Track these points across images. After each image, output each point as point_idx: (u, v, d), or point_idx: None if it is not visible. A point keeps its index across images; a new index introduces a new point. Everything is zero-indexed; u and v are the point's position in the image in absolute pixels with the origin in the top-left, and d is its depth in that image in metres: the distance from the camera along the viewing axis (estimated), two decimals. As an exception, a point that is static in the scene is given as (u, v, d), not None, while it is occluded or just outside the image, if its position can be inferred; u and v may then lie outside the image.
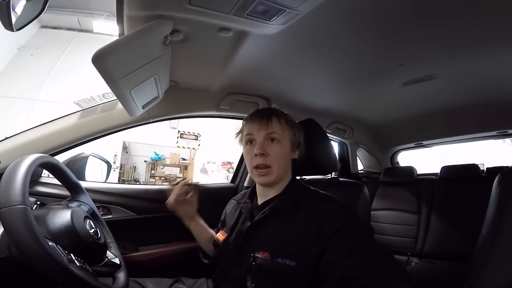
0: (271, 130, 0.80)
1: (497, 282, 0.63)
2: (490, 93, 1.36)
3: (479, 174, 1.80)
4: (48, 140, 0.99)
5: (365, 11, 0.74)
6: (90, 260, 0.68)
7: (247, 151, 0.84)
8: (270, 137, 0.80)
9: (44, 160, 0.72)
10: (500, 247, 0.65)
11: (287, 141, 0.83)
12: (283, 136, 0.82)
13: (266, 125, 0.81)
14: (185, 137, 6.87)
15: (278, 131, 0.81)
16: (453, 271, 1.49)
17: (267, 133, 0.80)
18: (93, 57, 0.61)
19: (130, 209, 1.21)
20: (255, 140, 0.82)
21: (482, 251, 0.69)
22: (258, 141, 0.81)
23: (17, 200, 0.54)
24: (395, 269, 0.59)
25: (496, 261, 0.65)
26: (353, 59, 1.03)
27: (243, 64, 1.00)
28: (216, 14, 0.68)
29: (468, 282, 0.68)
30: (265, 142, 0.80)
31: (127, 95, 0.81)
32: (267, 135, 0.80)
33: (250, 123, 0.84)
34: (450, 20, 0.79)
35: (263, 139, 0.80)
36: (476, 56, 1.02)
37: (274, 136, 0.80)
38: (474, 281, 0.67)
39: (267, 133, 0.80)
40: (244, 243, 0.81)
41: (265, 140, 0.81)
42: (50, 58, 6.03)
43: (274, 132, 0.80)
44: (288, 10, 0.68)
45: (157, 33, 0.68)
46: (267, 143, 0.80)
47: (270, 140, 0.81)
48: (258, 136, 0.81)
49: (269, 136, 0.80)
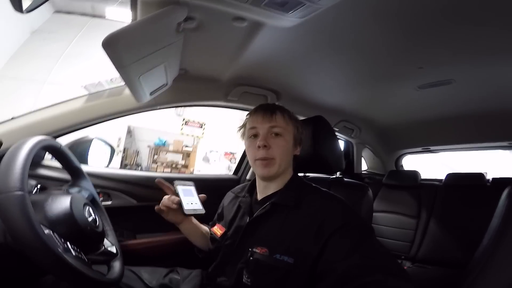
0: (274, 123, 0.80)
1: None
2: (505, 102, 1.33)
3: (483, 184, 1.78)
4: (53, 122, 0.98)
5: (390, 10, 0.71)
6: (86, 249, 0.67)
7: (250, 144, 0.83)
8: (273, 131, 0.80)
9: (46, 143, 0.69)
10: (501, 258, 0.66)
11: (290, 136, 0.82)
12: (286, 130, 0.81)
13: (270, 118, 0.81)
14: (190, 124, 6.88)
15: (282, 124, 0.81)
16: (445, 277, 1.51)
17: (271, 126, 0.80)
18: (103, 42, 0.59)
19: (131, 195, 1.21)
20: (258, 133, 0.81)
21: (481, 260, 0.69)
22: (262, 134, 0.80)
23: (15, 186, 0.52)
24: (395, 269, 0.59)
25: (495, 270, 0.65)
26: (370, 59, 1.00)
27: (255, 55, 0.98)
28: (232, 2, 0.65)
29: None
30: (268, 135, 0.80)
31: (136, 81, 0.79)
32: (271, 128, 0.80)
33: (254, 116, 0.84)
34: (475, 25, 0.76)
35: (266, 132, 0.80)
36: (497, 64, 0.99)
37: (278, 130, 0.80)
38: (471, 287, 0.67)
39: (270, 126, 0.80)
40: (243, 238, 0.81)
41: (268, 133, 0.80)
42: (62, 43, 6.05)
43: (277, 125, 0.80)
44: (308, 4, 0.64)
45: (171, 20, 0.66)
46: (270, 136, 0.80)
47: (274, 134, 0.80)
48: (262, 128, 0.81)
49: (273, 129, 0.80)
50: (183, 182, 0.92)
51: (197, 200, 0.89)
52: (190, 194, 0.90)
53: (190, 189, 0.92)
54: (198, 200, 0.89)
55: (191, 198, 0.88)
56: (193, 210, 0.85)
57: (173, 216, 0.90)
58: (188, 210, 0.84)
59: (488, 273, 0.66)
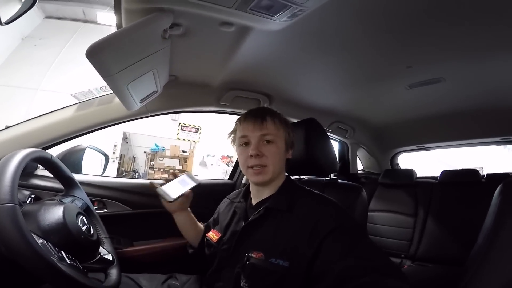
0: (266, 131, 0.80)
1: None
2: (496, 98, 1.34)
3: (478, 180, 1.79)
4: (44, 133, 0.97)
5: (375, 10, 0.71)
6: (82, 257, 0.68)
7: (241, 152, 0.83)
8: (265, 139, 0.80)
9: (36, 155, 0.70)
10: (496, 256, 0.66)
11: (281, 141, 0.82)
12: (278, 136, 0.81)
13: (261, 125, 0.80)
14: (186, 129, 6.85)
15: (273, 131, 0.80)
16: (445, 275, 1.50)
17: (262, 134, 0.80)
18: (87, 51, 0.58)
19: (126, 203, 1.20)
20: (250, 142, 0.81)
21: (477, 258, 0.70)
22: (253, 142, 0.80)
23: (5, 198, 0.54)
24: (391, 269, 0.60)
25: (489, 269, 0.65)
26: (359, 59, 1.00)
27: (245, 60, 0.98)
28: (218, 8, 0.65)
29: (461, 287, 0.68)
30: (260, 143, 0.80)
31: (124, 89, 0.79)
32: (262, 136, 0.80)
33: (244, 123, 0.83)
34: (462, 22, 0.77)
35: (258, 140, 0.80)
36: (485, 61, 1.00)
37: (269, 137, 0.80)
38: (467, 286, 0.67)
39: (262, 134, 0.80)
40: (238, 243, 0.81)
41: (260, 141, 0.80)
42: (54, 49, 5.99)
43: (269, 133, 0.80)
44: (294, 6, 0.65)
45: (156, 27, 0.66)
46: (262, 143, 0.80)
47: (266, 141, 0.80)
48: (253, 137, 0.80)
49: (264, 137, 0.80)
50: (192, 176, 0.99)
51: (181, 191, 0.91)
52: (183, 185, 0.94)
53: (188, 183, 0.96)
54: (181, 192, 0.91)
55: (178, 187, 0.92)
56: (163, 193, 0.87)
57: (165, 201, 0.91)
58: (160, 189, 0.87)
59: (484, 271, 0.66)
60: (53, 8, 6.11)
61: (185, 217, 1.01)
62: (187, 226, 1.02)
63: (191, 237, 1.03)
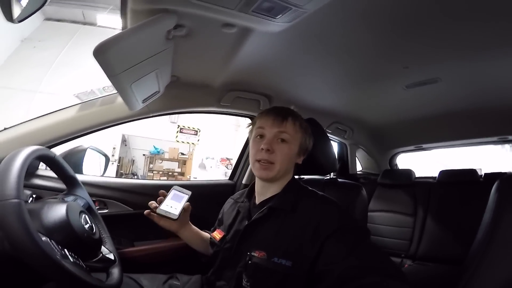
0: (283, 129, 0.81)
1: None
2: (493, 98, 1.36)
3: (476, 179, 1.80)
4: (46, 132, 0.98)
5: (373, 11, 0.73)
6: (84, 256, 0.68)
7: (254, 144, 0.84)
8: (280, 137, 0.80)
9: (40, 153, 0.70)
10: (494, 253, 0.66)
11: (296, 144, 0.83)
12: (294, 138, 0.82)
13: (281, 123, 0.81)
14: (185, 132, 6.86)
15: (291, 132, 0.81)
16: (446, 274, 1.50)
17: (279, 131, 0.81)
18: (94, 50, 0.60)
19: (127, 203, 1.21)
20: (265, 135, 0.82)
21: (476, 256, 0.70)
22: (268, 137, 0.81)
23: (11, 194, 0.53)
24: (392, 270, 0.60)
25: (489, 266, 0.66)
26: (357, 60, 1.02)
27: (246, 61, 0.99)
28: (220, 9, 0.66)
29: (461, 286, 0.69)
30: (274, 139, 0.81)
31: (128, 89, 0.80)
32: (279, 134, 0.81)
33: (265, 117, 0.84)
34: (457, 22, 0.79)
35: (273, 136, 0.81)
36: (482, 60, 1.01)
37: (285, 136, 0.81)
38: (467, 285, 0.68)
39: (279, 131, 0.81)
40: (241, 241, 0.81)
41: (274, 137, 0.81)
42: (53, 51, 5.96)
43: (286, 132, 0.81)
44: (294, 8, 0.66)
45: (160, 28, 0.67)
46: (276, 141, 0.81)
47: (280, 139, 0.81)
48: (269, 131, 0.81)
49: (280, 135, 0.81)
50: (180, 189, 0.92)
51: (180, 206, 0.88)
52: (178, 200, 0.90)
53: (182, 196, 0.92)
54: (180, 207, 0.88)
55: (175, 203, 0.88)
56: (166, 212, 0.84)
57: (166, 222, 0.89)
58: (160, 210, 0.84)
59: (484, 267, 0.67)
60: (52, 10, 6.06)
61: (190, 231, 1.00)
62: (195, 239, 1.01)
63: (202, 248, 1.02)
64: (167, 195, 0.89)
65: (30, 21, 5.86)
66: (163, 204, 0.86)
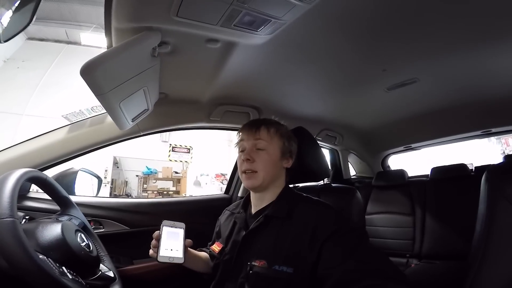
0: (258, 137, 0.85)
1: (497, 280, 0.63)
2: (472, 93, 1.40)
3: (468, 173, 1.84)
4: (36, 155, 0.97)
5: (349, 17, 0.77)
6: (83, 273, 0.67)
7: (239, 157, 0.89)
8: (257, 146, 0.85)
9: (32, 175, 0.71)
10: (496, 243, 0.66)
11: (275, 149, 0.86)
12: (271, 144, 0.85)
13: (255, 133, 0.86)
14: (177, 150, 6.82)
15: (266, 139, 0.85)
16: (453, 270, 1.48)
17: (255, 140, 0.85)
18: (81, 69, 0.61)
19: (123, 222, 1.19)
20: (245, 148, 0.86)
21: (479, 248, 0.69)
22: (247, 148, 0.85)
23: (5, 213, 0.54)
24: (391, 272, 0.60)
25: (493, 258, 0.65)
26: (339, 66, 1.05)
27: (232, 74, 1.02)
28: (203, 25, 0.69)
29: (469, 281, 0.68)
30: (253, 149, 0.85)
31: (116, 107, 0.81)
32: (255, 143, 0.85)
33: (242, 130, 0.90)
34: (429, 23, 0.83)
35: (251, 146, 0.85)
36: (456, 58, 1.05)
37: (261, 144, 0.85)
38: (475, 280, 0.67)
39: (254, 140, 0.85)
40: (240, 252, 0.81)
41: (253, 147, 0.85)
42: (38, 71, 5.86)
43: (261, 139, 0.85)
44: (273, 20, 0.70)
45: (145, 45, 0.69)
46: (254, 150, 0.84)
47: (258, 148, 0.84)
48: (247, 143, 0.86)
49: (257, 144, 0.85)
50: (171, 223, 0.83)
51: (180, 246, 0.79)
52: (175, 238, 0.80)
53: (177, 232, 0.82)
54: (181, 246, 0.79)
55: (174, 243, 0.78)
56: (169, 258, 0.74)
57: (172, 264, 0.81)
58: (162, 257, 0.73)
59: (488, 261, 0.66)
60: (35, 29, 5.93)
61: (192, 260, 0.94)
62: (197, 265, 0.96)
63: (205, 269, 0.97)
64: (160, 236, 0.78)
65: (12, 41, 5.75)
66: (161, 248, 0.75)
